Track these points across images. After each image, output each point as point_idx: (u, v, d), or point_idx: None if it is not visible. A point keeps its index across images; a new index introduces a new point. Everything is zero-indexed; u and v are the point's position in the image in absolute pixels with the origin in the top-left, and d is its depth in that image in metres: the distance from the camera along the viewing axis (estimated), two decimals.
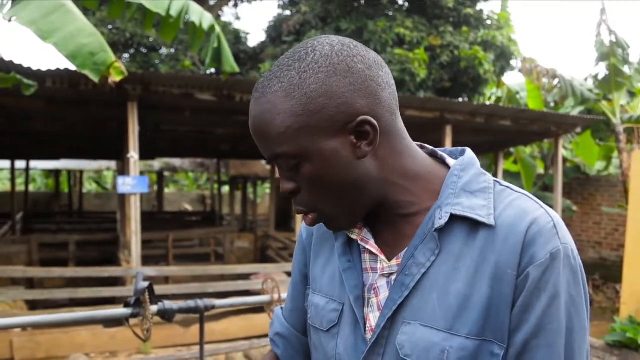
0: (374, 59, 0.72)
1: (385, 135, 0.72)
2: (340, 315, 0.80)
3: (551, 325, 0.66)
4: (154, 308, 2.05)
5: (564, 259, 0.67)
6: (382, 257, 0.76)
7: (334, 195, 0.72)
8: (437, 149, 0.81)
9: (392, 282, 0.74)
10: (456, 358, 0.68)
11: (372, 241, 0.77)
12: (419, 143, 0.81)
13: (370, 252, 0.78)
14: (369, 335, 0.75)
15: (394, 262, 0.75)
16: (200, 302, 2.20)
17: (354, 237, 0.79)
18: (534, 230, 0.67)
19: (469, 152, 0.79)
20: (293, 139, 0.68)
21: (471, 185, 0.73)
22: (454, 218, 0.71)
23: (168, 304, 2.08)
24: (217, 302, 2.30)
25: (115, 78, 2.94)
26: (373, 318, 0.76)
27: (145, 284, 1.99)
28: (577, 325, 0.68)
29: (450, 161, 0.78)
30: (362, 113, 0.69)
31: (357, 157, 0.70)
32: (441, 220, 0.70)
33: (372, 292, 0.77)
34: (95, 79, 2.86)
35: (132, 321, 2.12)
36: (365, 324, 0.76)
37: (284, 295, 2.48)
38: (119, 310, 2.09)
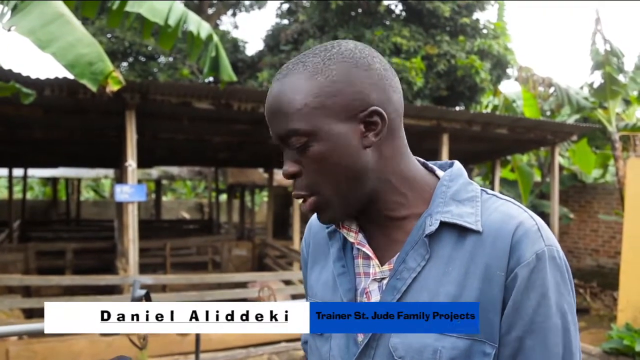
0: (389, 66, 0.79)
1: (391, 133, 0.77)
2: None
3: (544, 323, 0.69)
4: None
5: (549, 259, 0.71)
6: (376, 261, 0.79)
7: (334, 179, 0.75)
8: (427, 162, 0.86)
9: (384, 287, 0.77)
10: (449, 357, 0.70)
11: (367, 245, 0.80)
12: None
13: (364, 258, 0.81)
14: (360, 338, 0.78)
15: (385, 267, 0.78)
16: None
17: (351, 239, 0.82)
18: (520, 232, 0.71)
19: (457, 164, 0.83)
20: (308, 117, 0.73)
21: (459, 194, 0.78)
22: (443, 225, 0.75)
23: None
24: None
25: (113, 87, 2.97)
26: None
27: (142, 292, 1.99)
28: (571, 322, 0.71)
29: (439, 172, 0.83)
30: (374, 105, 0.74)
31: (363, 145, 0.75)
32: (432, 227, 0.74)
33: (365, 296, 0.80)
34: (93, 88, 2.89)
35: None
36: None
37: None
38: None
